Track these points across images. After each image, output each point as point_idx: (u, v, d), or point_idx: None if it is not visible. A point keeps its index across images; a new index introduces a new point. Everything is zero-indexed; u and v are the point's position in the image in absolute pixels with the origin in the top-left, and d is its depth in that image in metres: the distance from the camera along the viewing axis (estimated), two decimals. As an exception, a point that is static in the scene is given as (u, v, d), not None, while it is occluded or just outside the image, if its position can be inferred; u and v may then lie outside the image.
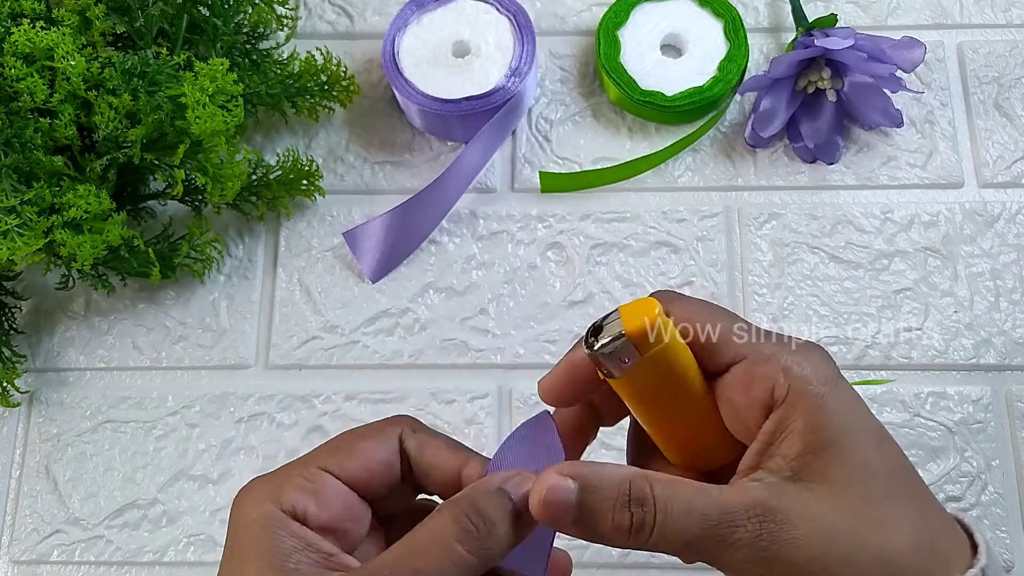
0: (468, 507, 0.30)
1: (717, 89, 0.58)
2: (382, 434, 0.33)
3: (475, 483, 0.31)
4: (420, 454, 0.33)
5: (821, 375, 0.30)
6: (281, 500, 0.31)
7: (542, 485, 0.29)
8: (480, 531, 0.29)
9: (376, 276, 0.58)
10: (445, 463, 0.33)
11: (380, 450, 0.33)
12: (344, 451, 0.32)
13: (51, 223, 0.49)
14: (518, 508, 0.30)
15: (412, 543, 0.29)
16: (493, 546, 0.29)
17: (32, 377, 0.58)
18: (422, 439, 0.34)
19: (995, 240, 0.57)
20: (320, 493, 0.31)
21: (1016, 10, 0.62)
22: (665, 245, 0.58)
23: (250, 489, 0.32)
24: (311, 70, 0.59)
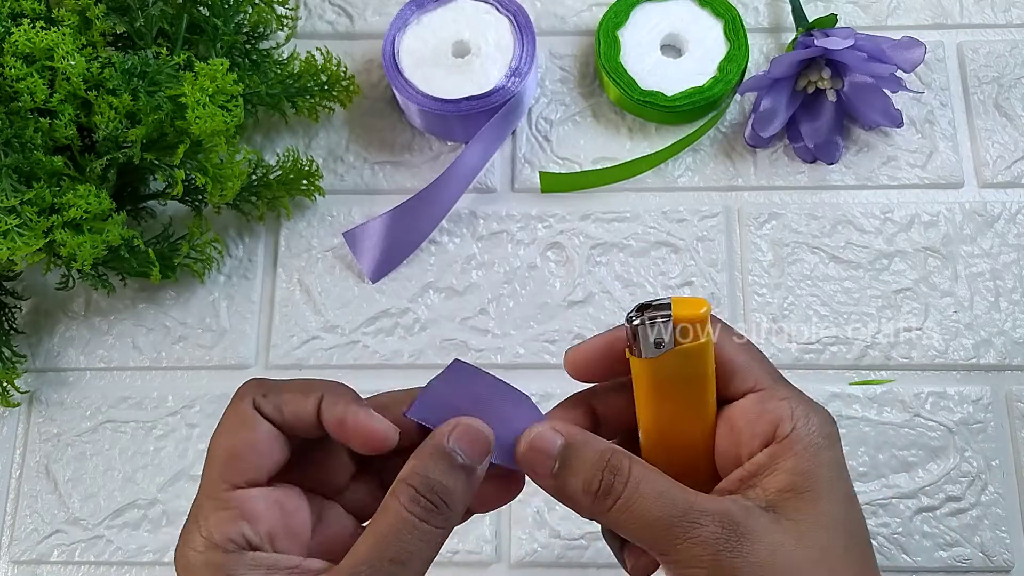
0: (421, 484, 0.30)
1: (717, 89, 0.58)
2: (245, 418, 0.32)
3: (418, 450, 0.31)
4: (282, 415, 0.32)
5: (824, 430, 0.32)
6: (215, 540, 0.30)
7: (531, 432, 0.31)
8: (439, 504, 0.30)
9: (376, 276, 0.58)
10: (303, 412, 0.32)
11: (254, 433, 0.31)
12: (233, 457, 0.31)
13: (51, 223, 0.49)
14: (467, 464, 0.31)
15: (379, 534, 0.30)
16: (454, 509, 0.31)
17: (32, 377, 0.58)
18: (274, 400, 0.32)
19: (995, 240, 0.57)
20: (245, 511, 0.30)
21: (1016, 10, 0.62)
22: (665, 245, 0.58)
23: (183, 541, 0.31)
24: (311, 70, 0.59)
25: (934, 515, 0.52)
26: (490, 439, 0.32)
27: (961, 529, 0.52)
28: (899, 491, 0.53)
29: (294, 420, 0.32)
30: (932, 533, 0.52)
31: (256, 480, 0.31)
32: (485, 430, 0.32)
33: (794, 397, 0.33)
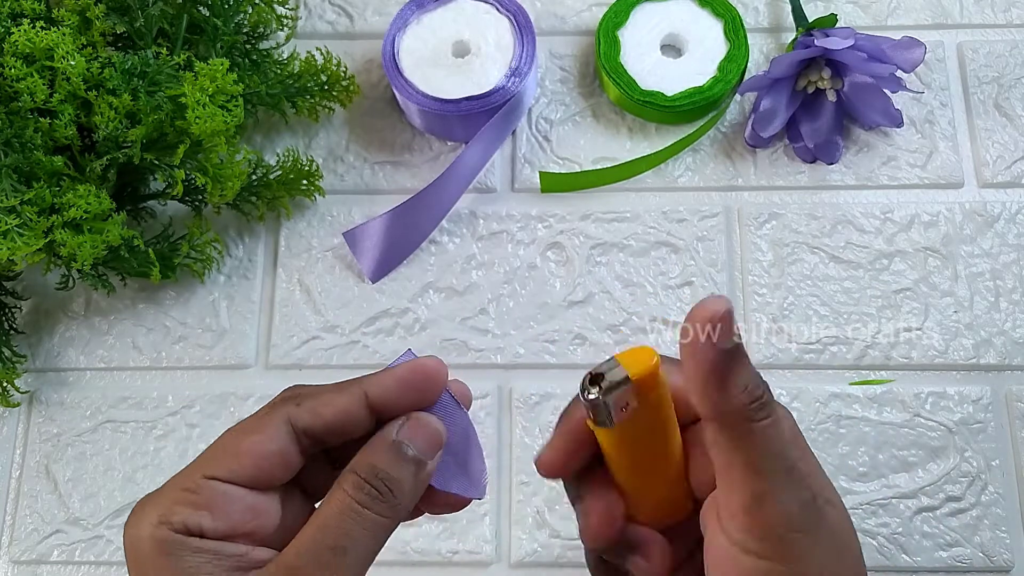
0: (367, 472, 0.30)
1: (717, 89, 0.58)
2: (267, 426, 0.30)
3: (370, 442, 0.31)
4: (321, 419, 0.31)
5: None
6: (171, 520, 0.29)
7: (718, 304, 0.27)
8: (383, 492, 0.30)
9: (376, 276, 0.58)
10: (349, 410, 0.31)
11: (268, 443, 0.30)
12: (230, 453, 0.30)
13: (51, 223, 0.49)
14: (417, 456, 0.31)
15: (322, 521, 0.29)
16: (401, 500, 0.30)
17: (32, 377, 0.58)
18: (311, 406, 0.31)
19: (995, 240, 0.57)
20: (212, 504, 0.29)
21: (1016, 10, 0.62)
22: (665, 245, 0.58)
23: (139, 511, 0.30)
24: (311, 70, 0.59)
25: (934, 515, 0.52)
26: (442, 434, 0.31)
27: (961, 529, 0.52)
28: (899, 491, 0.53)
29: (338, 421, 0.31)
30: (932, 533, 0.52)
31: (242, 483, 0.30)
32: (437, 425, 0.31)
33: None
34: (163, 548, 0.28)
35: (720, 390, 0.29)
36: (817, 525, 0.29)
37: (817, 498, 0.30)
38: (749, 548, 0.29)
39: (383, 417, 0.32)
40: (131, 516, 0.30)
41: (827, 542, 0.29)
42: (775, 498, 0.29)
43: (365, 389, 0.31)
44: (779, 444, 0.29)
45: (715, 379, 0.28)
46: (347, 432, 0.31)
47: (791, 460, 0.29)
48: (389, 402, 0.31)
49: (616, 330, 0.56)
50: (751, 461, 0.29)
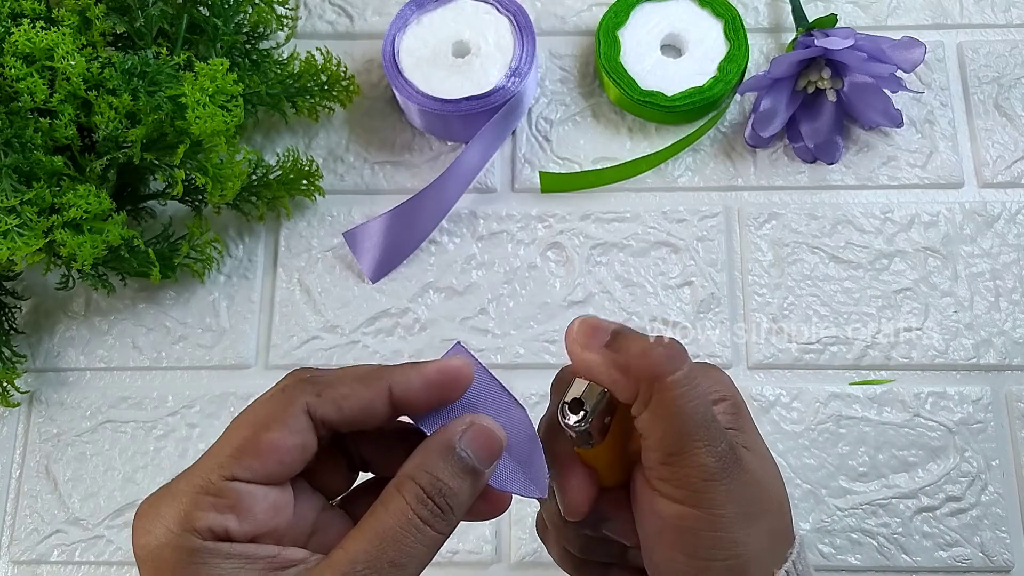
0: (428, 483, 0.28)
1: (717, 89, 0.58)
2: (287, 418, 0.29)
3: (424, 446, 0.30)
4: (341, 412, 0.29)
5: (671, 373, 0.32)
6: (196, 525, 0.27)
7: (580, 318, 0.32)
8: (444, 509, 0.29)
9: (376, 276, 0.58)
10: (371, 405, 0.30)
11: (289, 437, 0.28)
12: (251, 451, 0.28)
13: (51, 223, 0.49)
14: (473, 465, 0.29)
15: (381, 532, 0.28)
16: (458, 515, 0.29)
17: (32, 377, 0.58)
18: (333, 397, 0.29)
19: (995, 240, 0.57)
20: (237, 506, 0.28)
21: (1016, 10, 0.62)
22: (665, 245, 0.58)
23: (152, 514, 0.28)
24: (311, 70, 0.59)
25: (934, 515, 0.52)
26: (502, 443, 0.30)
27: (961, 529, 0.52)
28: (899, 491, 0.53)
29: (359, 415, 0.30)
30: (932, 533, 0.52)
31: (263, 481, 0.29)
32: (499, 433, 0.30)
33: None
34: (191, 556, 0.27)
35: (620, 369, 0.31)
36: (732, 472, 0.31)
37: (735, 448, 0.31)
38: (669, 495, 0.31)
39: (401, 412, 0.31)
40: (140, 521, 0.28)
41: (743, 488, 0.31)
42: (691, 450, 0.30)
43: (390, 384, 0.30)
44: (692, 399, 0.30)
45: (613, 362, 0.31)
46: (365, 425, 0.30)
47: (706, 415, 0.31)
48: (411, 400, 0.30)
49: (616, 330, 0.56)
50: (666, 418, 0.30)
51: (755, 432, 0.34)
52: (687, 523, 0.31)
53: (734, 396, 0.34)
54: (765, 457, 0.33)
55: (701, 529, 0.30)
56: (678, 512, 0.31)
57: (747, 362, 0.56)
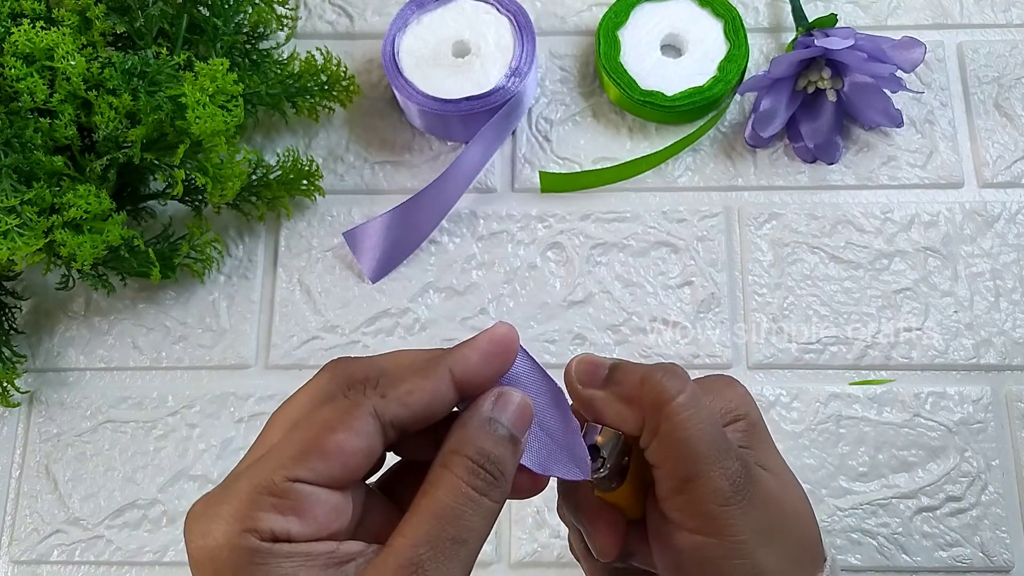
0: (476, 454, 0.28)
1: (717, 89, 0.58)
2: (354, 420, 0.27)
3: (460, 423, 0.29)
4: (410, 409, 0.28)
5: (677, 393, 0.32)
6: (257, 527, 0.26)
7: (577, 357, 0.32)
8: (497, 476, 0.28)
9: (376, 276, 0.58)
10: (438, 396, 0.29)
11: (356, 440, 0.27)
12: (316, 453, 0.27)
13: (51, 223, 0.49)
14: (511, 433, 0.29)
15: (438, 510, 0.27)
16: (509, 481, 0.29)
17: (32, 377, 0.58)
18: (398, 396, 0.28)
19: (995, 240, 0.57)
20: (300, 509, 0.27)
21: (1016, 10, 0.62)
22: (665, 245, 0.58)
23: (210, 515, 0.27)
24: (311, 70, 0.59)
25: (934, 515, 0.52)
26: (532, 409, 0.30)
27: (961, 529, 0.52)
28: (899, 491, 0.53)
29: (427, 409, 0.29)
30: (932, 533, 0.52)
31: (326, 484, 0.27)
32: (527, 400, 0.30)
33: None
34: (251, 558, 0.26)
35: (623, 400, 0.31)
36: (749, 495, 0.30)
37: (749, 467, 0.30)
38: (685, 525, 0.30)
39: (464, 394, 0.30)
40: (196, 522, 0.27)
41: (761, 509, 0.30)
42: (703, 476, 0.30)
43: (451, 367, 0.29)
44: (699, 422, 0.30)
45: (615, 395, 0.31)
46: (434, 417, 0.29)
47: (715, 436, 0.30)
48: (473, 378, 0.29)
49: (616, 330, 0.56)
50: (674, 445, 0.30)
51: (772, 449, 0.33)
52: (706, 553, 0.30)
53: (748, 412, 0.33)
54: (784, 475, 0.32)
55: (720, 558, 0.30)
56: (695, 543, 0.30)
57: (747, 362, 0.56)
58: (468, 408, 0.29)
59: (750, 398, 0.33)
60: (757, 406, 0.34)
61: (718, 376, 0.34)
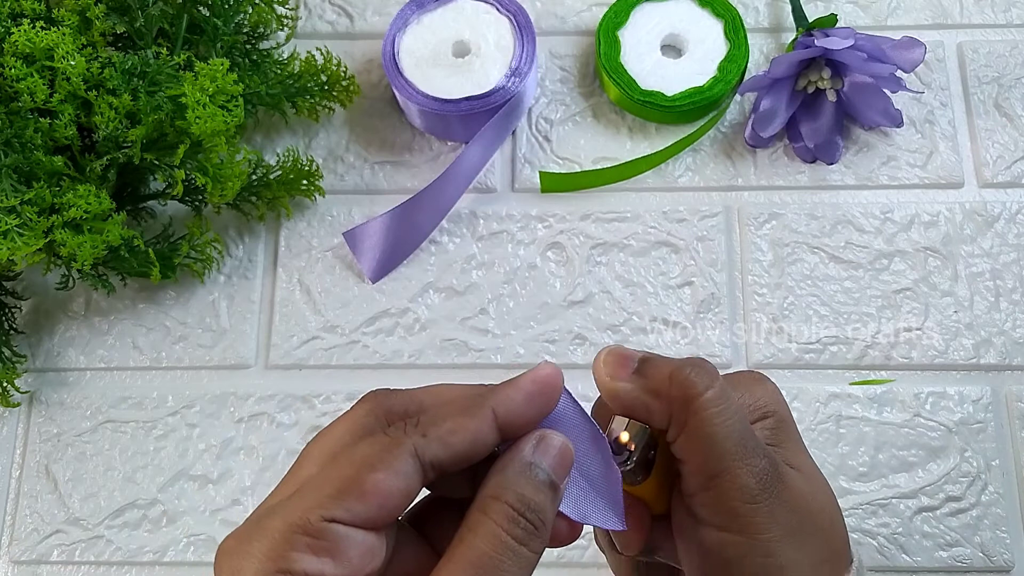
0: (516, 501, 0.27)
1: (717, 89, 0.58)
2: (394, 459, 0.27)
3: (499, 466, 0.28)
4: (451, 451, 0.28)
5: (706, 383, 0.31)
6: (292, 568, 0.25)
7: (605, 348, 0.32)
8: (537, 525, 0.27)
9: (376, 276, 0.58)
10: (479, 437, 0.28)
11: (395, 480, 0.26)
12: (354, 493, 0.26)
13: (51, 223, 0.49)
14: (551, 479, 0.28)
15: (476, 558, 0.26)
16: (547, 532, 0.28)
17: (32, 377, 0.58)
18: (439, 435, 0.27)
19: (995, 240, 0.57)
20: (335, 551, 0.26)
21: (1016, 10, 0.62)
22: (665, 245, 0.58)
23: (242, 552, 0.26)
24: (311, 70, 0.59)
25: (934, 515, 0.52)
26: (573, 454, 0.29)
27: (961, 529, 0.52)
28: (899, 491, 0.53)
29: (468, 450, 0.28)
30: (932, 533, 0.52)
31: (362, 525, 0.26)
32: (568, 444, 0.29)
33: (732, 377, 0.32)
34: None
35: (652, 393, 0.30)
36: (776, 493, 0.30)
37: (776, 465, 0.30)
38: (711, 522, 0.30)
39: (506, 436, 0.29)
40: (227, 559, 0.26)
41: (788, 508, 0.30)
42: (730, 472, 0.29)
43: (494, 408, 0.28)
44: (728, 418, 0.29)
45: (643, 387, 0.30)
46: (474, 459, 0.28)
47: (743, 433, 0.30)
48: (516, 419, 0.29)
49: (616, 330, 0.56)
50: (701, 440, 0.29)
51: (800, 447, 0.32)
52: (731, 551, 0.29)
53: (777, 410, 0.32)
54: (812, 474, 0.32)
55: (745, 555, 0.29)
56: (721, 540, 0.30)
57: (747, 362, 0.56)
58: (509, 451, 0.28)
59: (780, 395, 0.33)
60: (787, 403, 0.33)
61: (748, 372, 0.34)
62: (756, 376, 0.34)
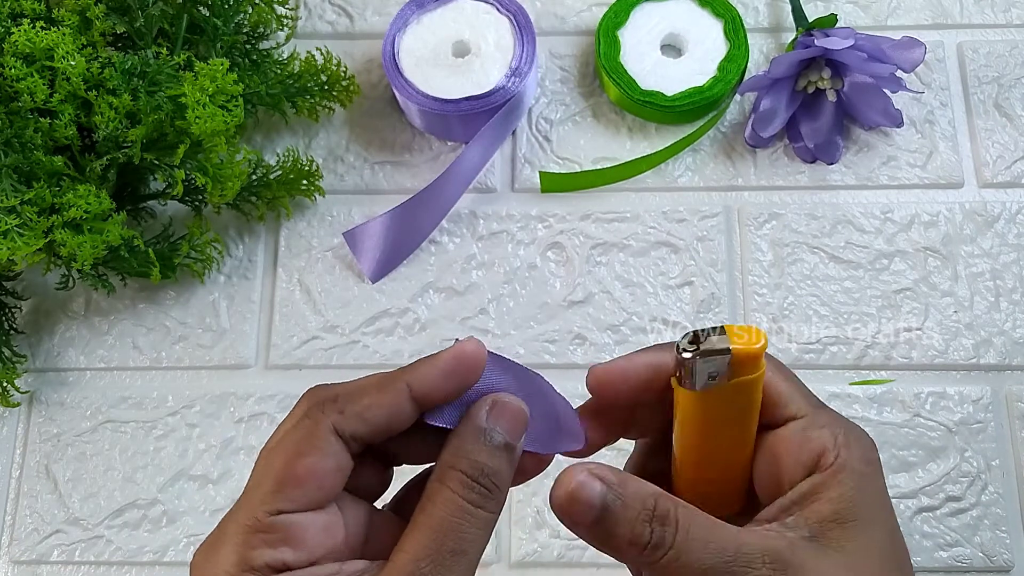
0: (472, 469, 0.29)
1: (717, 89, 0.58)
2: (317, 442, 0.29)
3: (455, 434, 0.30)
4: (368, 425, 0.29)
5: (867, 456, 0.31)
6: (254, 565, 0.27)
7: (569, 478, 0.29)
8: (491, 487, 0.29)
9: (376, 276, 0.58)
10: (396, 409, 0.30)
11: (324, 460, 0.29)
12: (290, 482, 0.28)
13: (51, 223, 0.49)
14: (506, 441, 0.30)
15: (436, 524, 0.28)
16: (504, 491, 0.30)
17: (32, 377, 0.58)
18: (356, 411, 0.29)
19: (995, 240, 0.57)
20: (289, 538, 0.28)
21: (1016, 10, 0.62)
22: (665, 245, 0.58)
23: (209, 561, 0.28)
24: (311, 70, 0.59)
25: (934, 515, 0.52)
26: (526, 413, 0.30)
27: (961, 529, 0.52)
28: (899, 491, 0.53)
29: (385, 422, 0.30)
30: (932, 533, 0.52)
31: (308, 508, 0.29)
32: (521, 405, 0.30)
33: (837, 424, 0.32)
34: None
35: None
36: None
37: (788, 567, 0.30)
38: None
39: (426, 407, 0.30)
40: (196, 569, 0.28)
41: None
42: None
43: (408, 383, 0.30)
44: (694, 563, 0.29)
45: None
46: (394, 430, 0.30)
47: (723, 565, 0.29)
48: (432, 392, 0.30)
49: (616, 330, 0.56)
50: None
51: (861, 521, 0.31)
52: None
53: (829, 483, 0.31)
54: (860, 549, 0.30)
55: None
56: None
57: (747, 362, 0.55)
58: (464, 418, 0.30)
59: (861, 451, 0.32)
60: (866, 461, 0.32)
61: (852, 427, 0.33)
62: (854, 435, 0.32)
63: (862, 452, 0.31)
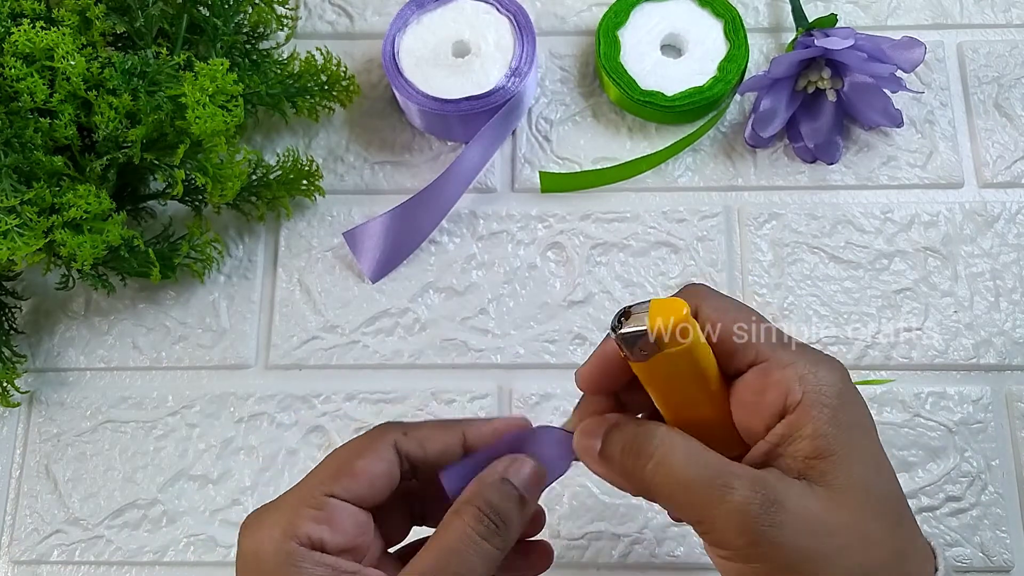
0: (484, 505, 0.33)
1: (717, 89, 0.58)
2: (377, 448, 0.34)
3: (478, 480, 0.34)
4: (424, 451, 0.35)
5: (835, 388, 0.32)
6: (297, 533, 0.32)
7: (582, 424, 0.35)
8: (500, 525, 0.33)
9: (376, 276, 0.58)
10: (449, 447, 0.36)
11: (379, 464, 0.34)
12: (347, 474, 0.33)
13: (51, 223, 0.49)
14: (522, 494, 0.34)
15: (445, 547, 0.32)
16: (511, 533, 0.33)
17: (32, 377, 0.58)
18: (417, 436, 0.35)
19: (995, 240, 0.57)
20: (332, 520, 0.33)
21: (1016, 10, 0.62)
22: (665, 245, 0.58)
23: (259, 523, 0.33)
24: (311, 70, 0.59)
25: (934, 515, 0.52)
26: (543, 473, 0.35)
27: (961, 529, 0.52)
28: (899, 491, 0.53)
29: (437, 454, 0.35)
30: (932, 533, 0.52)
31: (354, 501, 0.33)
32: (538, 465, 0.35)
33: (801, 360, 0.32)
34: (289, 559, 0.31)
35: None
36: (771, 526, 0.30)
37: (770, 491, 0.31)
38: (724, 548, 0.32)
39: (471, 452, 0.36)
40: (247, 531, 0.33)
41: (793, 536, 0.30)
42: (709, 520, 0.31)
43: (465, 431, 0.36)
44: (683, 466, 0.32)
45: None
46: (442, 463, 0.35)
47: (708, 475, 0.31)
48: (479, 444, 0.36)
49: (616, 330, 0.56)
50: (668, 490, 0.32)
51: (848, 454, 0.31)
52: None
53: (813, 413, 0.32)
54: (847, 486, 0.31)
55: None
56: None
57: (747, 362, 0.56)
58: (488, 469, 0.35)
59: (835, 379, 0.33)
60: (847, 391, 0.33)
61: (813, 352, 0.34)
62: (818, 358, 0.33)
63: (831, 384, 0.32)
